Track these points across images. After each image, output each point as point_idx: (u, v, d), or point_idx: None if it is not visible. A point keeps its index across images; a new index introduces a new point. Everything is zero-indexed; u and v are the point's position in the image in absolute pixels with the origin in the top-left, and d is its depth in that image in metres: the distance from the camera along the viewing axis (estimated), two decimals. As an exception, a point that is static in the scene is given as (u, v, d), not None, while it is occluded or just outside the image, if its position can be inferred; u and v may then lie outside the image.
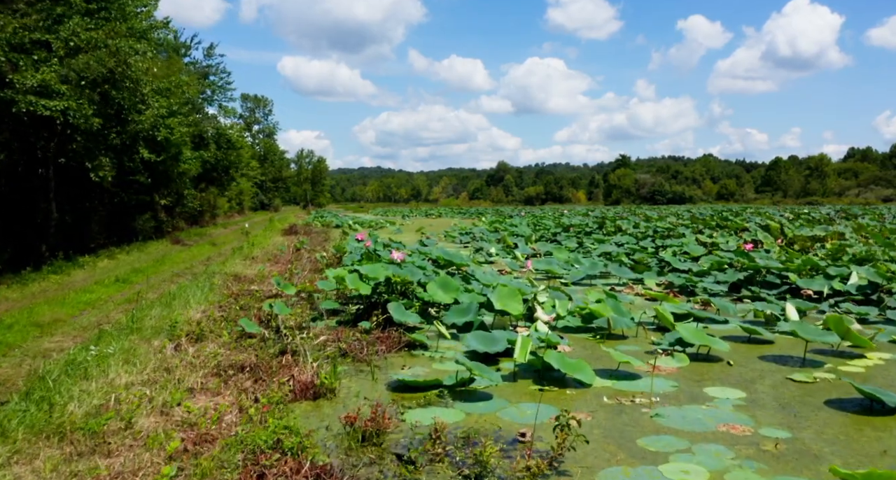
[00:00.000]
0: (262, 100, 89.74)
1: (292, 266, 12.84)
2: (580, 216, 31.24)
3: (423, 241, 17.70)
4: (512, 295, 7.07)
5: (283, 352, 5.72)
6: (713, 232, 16.58)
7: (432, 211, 71.41)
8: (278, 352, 5.73)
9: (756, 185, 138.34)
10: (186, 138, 22.63)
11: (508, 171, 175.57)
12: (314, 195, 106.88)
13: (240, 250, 16.62)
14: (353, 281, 7.47)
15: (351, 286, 7.39)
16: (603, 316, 7.27)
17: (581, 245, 18.50)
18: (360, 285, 7.43)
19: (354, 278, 7.51)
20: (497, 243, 20.13)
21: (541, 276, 12.35)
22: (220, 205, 46.50)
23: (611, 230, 19.44)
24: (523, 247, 17.55)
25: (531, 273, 12.47)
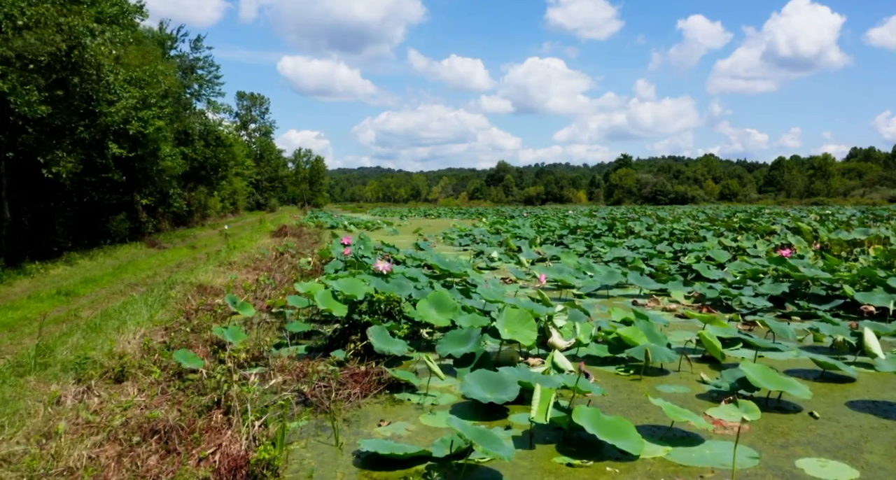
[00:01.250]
0: (259, 99, 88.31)
1: (269, 274, 11.39)
2: (586, 217, 29.80)
3: (420, 244, 16.27)
4: (522, 319, 5.62)
5: (218, 404, 4.26)
6: (737, 234, 15.19)
7: (431, 211, 69.98)
8: (211, 404, 4.28)
9: (759, 185, 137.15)
10: (167, 133, 21.18)
11: (508, 171, 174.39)
12: (312, 195, 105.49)
13: (218, 254, 15.19)
14: (325, 299, 6.02)
15: (322, 306, 5.94)
16: (635, 343, 5.83)
17: (590, 248, 17.06)
18: (332, 305, 5.98)
19: (326, 296, 6.06)
20: (499, 246, 18.69)
21: (549, 285, 10.91)
22: (212, 204, 45.05)
23: (622, 232, 18.02)
24: (527, 251, 16.11)
25: (544, 287, 11.03)
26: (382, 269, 7.02)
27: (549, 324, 6.22)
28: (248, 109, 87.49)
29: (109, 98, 15.18)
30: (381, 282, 6.77)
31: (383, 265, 7.03)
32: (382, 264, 7.04)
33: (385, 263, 7.07)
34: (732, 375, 4.93)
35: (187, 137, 29.42)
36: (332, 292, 6.06)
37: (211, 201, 44.28)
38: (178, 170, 25.59)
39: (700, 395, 4.95)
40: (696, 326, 7.61)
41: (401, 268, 10.21)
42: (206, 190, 36.87)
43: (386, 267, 7.04)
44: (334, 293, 6.05)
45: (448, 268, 8.51)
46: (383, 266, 7.03)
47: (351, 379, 5.01)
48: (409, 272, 8.18)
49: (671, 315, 8.42)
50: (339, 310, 5.93)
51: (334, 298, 6.03)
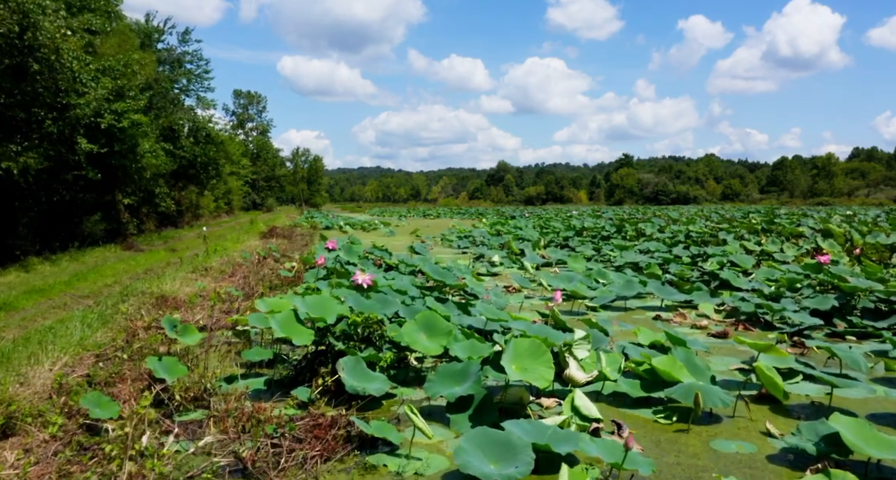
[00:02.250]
0: (256, 97, 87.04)
1: (245, 281, 10.20)
2: (591, 217, 28.53)
3: (415, 247, 15.06)
4: (535, 352, 4.41)
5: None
6: (760, 237, 13.99)
7: (430, 211, 68.76)
8: None
9: (761, 185, 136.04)
10: (148, 128, 19.91)
11: (509, 171, 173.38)
12: (310, 195, 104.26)
13: (195, 259, 13.99)
14: (285, 324, 4.82)
15: (281, 332, 4.73)
16: (675, 379, 4.63)
17: (599, 252, 15.86)
18: (295, 331, 4.78)
19: (287, 319, 4.86)
20: (500, 249, 17.48)
21: (559, 296, 9.70)
22: (205, 204, 43.82)
23: (632, 234, 16.81)
24: (531, 255, 14.91)
25: (557, 306, 9.85)
26: (362, 282, 5.82)
27: (566, 353, 5.01)
28: (244, 108, 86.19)
29: (79, 89, 13.95)
30: (359, 299, 5.57)
31: (363, 277, 5.83)
32: (362, 276, 5.84)
33: (366, 275, 5.87)
34: (815, 431, 3.72)
35: (173, 133, 28.12)
36: (295, 314, 4.85)
37: (203, 201, 43.02)
38: (164, 169, 24.33)
39: (772, 457, 3.75)
40: (737, 349, 6.41)
41: (392, 275, 9.03)
42: (196, 189, 35.56)
43: (366, 279, 5.84)
44: (298, 315, 4.85)
45: (442, 279, 7.30)
46: (363, 278, 5.83)
47: (311, 434, 3.81)
48: (397, 282, 6.98)
49: (703, 334, 7.22)
50: (303, 338, 4.72)
51: (298, 321, 4.82)
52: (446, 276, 7.37)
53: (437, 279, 7.24)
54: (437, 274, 7.35)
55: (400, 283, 6.98)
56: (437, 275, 7.31)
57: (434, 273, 7.34)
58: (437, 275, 7.31)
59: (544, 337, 4.63)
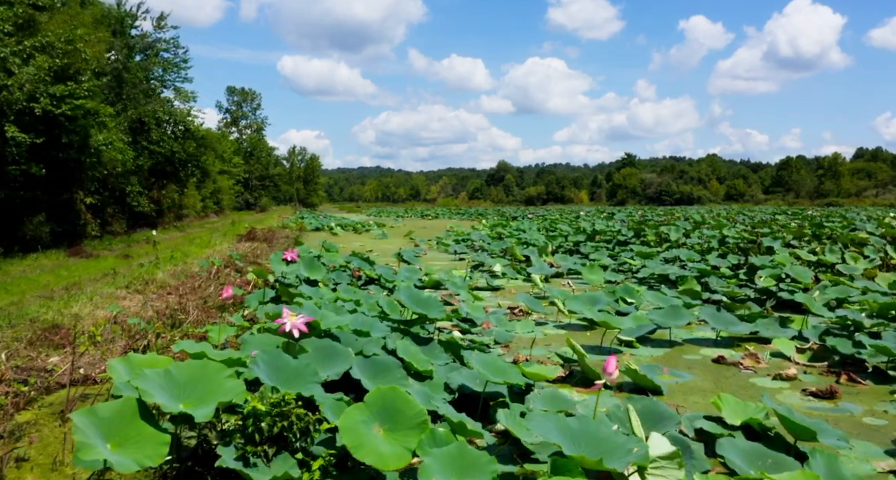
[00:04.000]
0: (250, 94, 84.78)
1: (181, 301, 8.07)
2: (601, 219, 26.27)
3: (403, 255, 12.93)
4: None
5: None
6: (814, 245, 11.86)
7: (429, 211, 66.57)
8: None
9: (765, 186, 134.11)
10: (104, 118, 17.69)
11: (509, 171, 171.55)
12: (307, 194, 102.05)
13: (141, 268, 11.89)
14: (122, 417, 2.67)
15: (105, 443, 2.59)
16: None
17: (616, 259, 13.74)
18: (135, 433, 2.63)
19: (127, 408, 2.71)
20: (502, 256, 15.35)
21: (576, 320, 7.58)
22: (191, 204, 41.64)
23: (652, 239, 14.68)
24: (538, 263, 12.78)
25: (569, 324, 7.77)
26: (292, 329, 3.68)
27: None
28: (238, 105, 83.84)
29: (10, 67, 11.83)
30: (280, 361, 3.44)
31: (293, 321, 3.68)
32: (292, 320, 3.68)
33: (297, 318, 3.72)
34: None
35: (143, 126, 25.75)
36: (139, 405, 2.70)
37: (189, 200, 40.83)
38: (131, 165, 22.12)
39: None
40: (866, 424, 4.29)
41: (354, 316, 6.92)
42: (176, 188, 33.29)
43: (298, 324, 3.69)
44: (143, 406, 2.70)
45: (424, 311, 5.14)
46: (293, 322, 3.68)
47: None
48: (356, 320, 4.84)
49: (793, 389, 5.09)
50: (146, 449, 2.57)
51: (144, 418, 2.68)
52: (429, 306, 5.22)
53: (417, 311, 5.11)
54: (416, 303, 5.22)
55: (360, 322, 4.83)
56: (416, 305, 5.17)
57: (413, 302, 5.20)
58: (416, 305, 5.17)
59: (597, 458, 2.48)
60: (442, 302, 9.16)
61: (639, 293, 8.96)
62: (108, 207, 23.07)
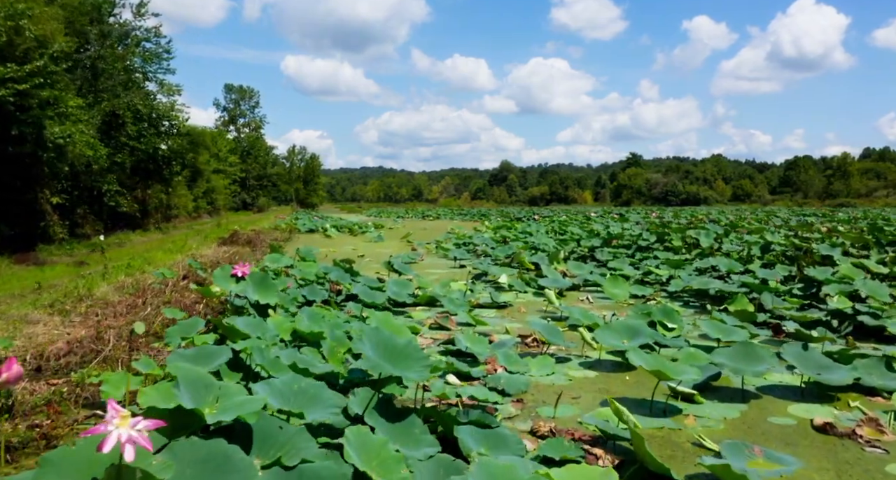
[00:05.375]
0: (248, 92, 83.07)
1: (101, 330, 6.35)
2: (615, 221, 24.36)
3: (395, 263, 11.16)
4: None
5: None
6: (876, 252, 10.13)
7: (430, 212, 64.79)
8: None
9: (771, 186, 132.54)
10: (65, 108, 15.92)
11: (512, 171, 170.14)
12: (307, 194, 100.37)
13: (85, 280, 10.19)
14: None
15: None
16: None
17: (637, 267, 11.99)
18: None
19: None
20: (507, 263, 13.62)
21: (606, 357, 5.85)
22: (182, 204, 39.91)
23: (678, 245, 12.92)
24: (551, 273, 11.02)
25: (599, 360, 6.02)
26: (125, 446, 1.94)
27: None
28: (236, 103, 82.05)
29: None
30: None
31: (128, 433, 1.94)
32: (122, 429, 1.95)
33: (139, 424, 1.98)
34: None
35: (117, 120, 23.92)
36: None
37: (179, 200, 39.10)
38: (104, 161, 20.35)
39: None
40: None
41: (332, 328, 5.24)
42: (161, 187, 31.48)
43: (138, 439, 1.95)
44: None
45: (398, 369, 3.34)
46: (127, 436, 1.94)
47: None
48: (286, 389, 3.08)
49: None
50: None
51: None
52: (406, 361, 3.45)
53: (387, 371, 3.33)
54: (388, 356, 3.44)
55: (291, 393, 3.07)
56: (387, 360, 3.40)
57: (383, 354, 3.42)
58: (387, 360, 3.40)
59: None
60: (436, 326, 7.46)
61: (678, 315, 7.22)
62: (77, 208, 21.33)
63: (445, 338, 6.73)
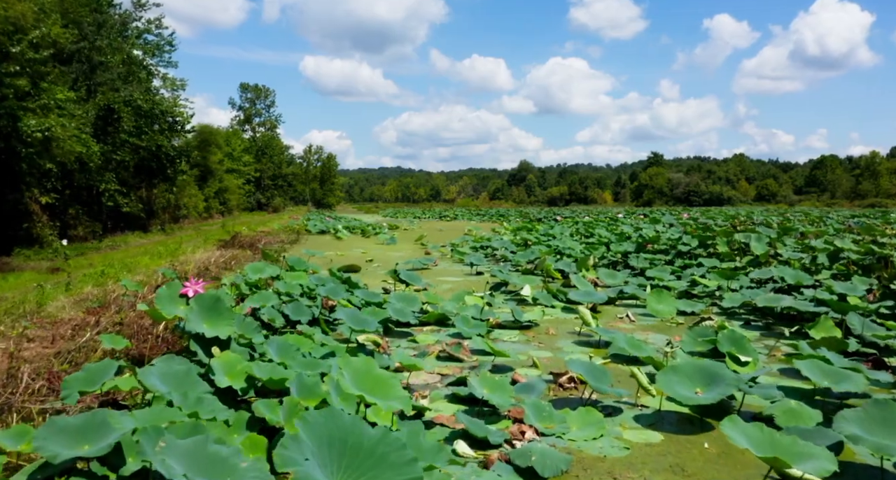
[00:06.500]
0: (264, 91, 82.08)
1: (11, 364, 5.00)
2: (646, 222, 22.50)
3: (402, 272, 9.70)
4: None
5: None
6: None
7: (447, 212, 63.30)
8: None
9: (797, 186, 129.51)
10: (47, 99, 14.64)
11: (531, 171, 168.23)
12: (323, 194, 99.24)
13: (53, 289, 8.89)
14: None
15: None
16: None
17: (679, 276, 10.46)
18: None
19: None
20: (530, 269, 12.15)
21: (675, 413, 4.38)
22: (191, 204, 38.77)
23: (725, 251, 11.36)
24: (581, 284, 9.55)
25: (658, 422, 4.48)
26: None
27: None
28: (251, 102, 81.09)
29: None
30: None
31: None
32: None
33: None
34: None
35: (111, 114, 22.60)
36: None
37: (188, 200, 37.94)
38: (98, 159, 19.06)
39: None
40: None
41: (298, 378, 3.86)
42: (165, 186, 30.19)
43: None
44: None
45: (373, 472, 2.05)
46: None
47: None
48: None
49: None
50: None
51: None
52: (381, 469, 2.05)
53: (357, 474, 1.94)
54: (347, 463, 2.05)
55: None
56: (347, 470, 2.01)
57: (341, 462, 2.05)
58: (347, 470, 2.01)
59: None
60: (445, 355, 6.02)
61: (748, 342, 5.75)
62: (69, 208, 20.11)
63: (456, 374, 5.31)
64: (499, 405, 4.22)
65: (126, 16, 26.70)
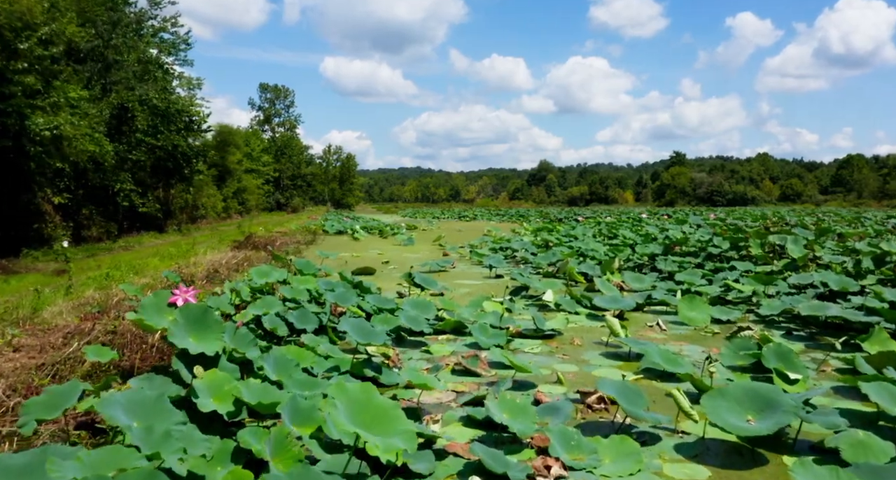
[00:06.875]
0: (283, 91, 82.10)
1: None
2: (672, 223, 21.66)
3: (415, 276, 9.21)
4: None
5: None
6: None
7: (466, 212, 62.74)
8: None
9: (822, 185, 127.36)
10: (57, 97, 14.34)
11: (551, 171, 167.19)
12: (342, 194, 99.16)
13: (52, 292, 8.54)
14: None
15: None
16: None
17: (710, 280, 9.87)
18: None
19: None
20: (552, 272, 11.64)
21: (720, 442, 3.85)
22: (210, 204, 38.63)
23: (759, 254, 10.76)
24: (606, 288, 9.00)
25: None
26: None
27: None
28: (271, 102, 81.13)
29: None
30: None
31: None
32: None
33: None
34: None
35: (124, 113, 22.33)
36: None
37: (207, 200, 37.80)
38: (111, 158, 18.79)
39: None
40: None
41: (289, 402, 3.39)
42: (181, 186, 29.97)
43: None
44: None
45: None
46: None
47: None
48: None
49: None
50: None
51: None
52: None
53: None
54: None
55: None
56: None
57: None
58: None
59: None
60: (460, 369, 5.53)
61: (796, 357, 5.21)
62: (83, 208, 19.88)
63: (473, 391, 4.81)
64: (520, 432, 3.72)
65: (141, 14, 26.54)
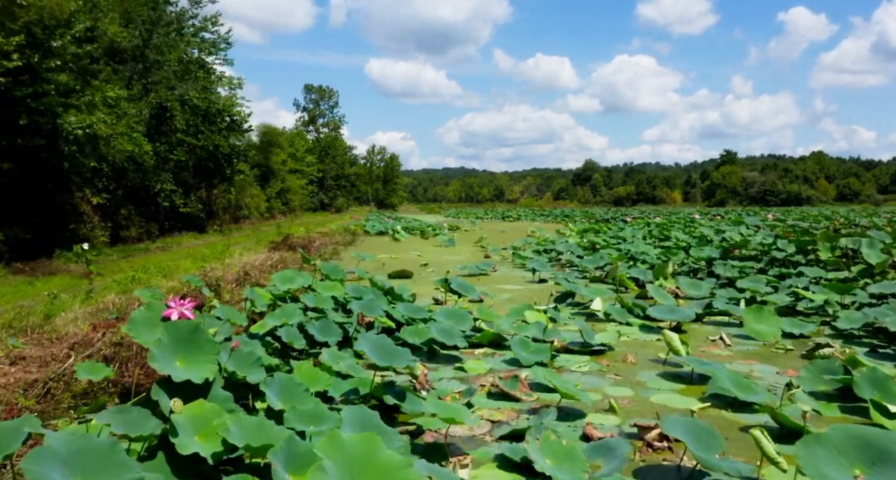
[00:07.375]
0: (328, 92, 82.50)
1: None
2: (727, 224, 20.46)
3: (452, 282, 8.56)
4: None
5: None
6: None
7: (510, 213, 61.87)
8: None
9: (880, 184, 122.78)
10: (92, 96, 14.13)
11: (596, 170, 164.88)
12: (386, 195, 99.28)
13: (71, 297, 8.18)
14: None
15: None
16: None
17: (776, 288, 8.99)
18: None
19: None
20: (600, 276, 10.88)
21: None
22: (253, 205, 38.68)
23: (830, 259, 9.81)
24: (660, 295, 8.20)
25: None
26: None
27: None
28: (316, 103, 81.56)
29: None
30: None
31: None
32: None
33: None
34: None
35: (163, 112, 22.22)
36: None
37: (250, 201, 37.87)
38: (150, 158, 18.68)
39: None
40: None
41: None
42: (223, 186, 29.92)
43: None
44: None
45: None
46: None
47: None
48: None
49: None
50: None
51: None
52: None
53: None
54: None
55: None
56: None
57: None
58: None
59: None
60: (497, 392, 4.86)
61: (895, 384, 4.41)
62: (122, 208, 19.79)
63: (511, 421, 4.15)
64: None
65: (182, 13, 26.54)
